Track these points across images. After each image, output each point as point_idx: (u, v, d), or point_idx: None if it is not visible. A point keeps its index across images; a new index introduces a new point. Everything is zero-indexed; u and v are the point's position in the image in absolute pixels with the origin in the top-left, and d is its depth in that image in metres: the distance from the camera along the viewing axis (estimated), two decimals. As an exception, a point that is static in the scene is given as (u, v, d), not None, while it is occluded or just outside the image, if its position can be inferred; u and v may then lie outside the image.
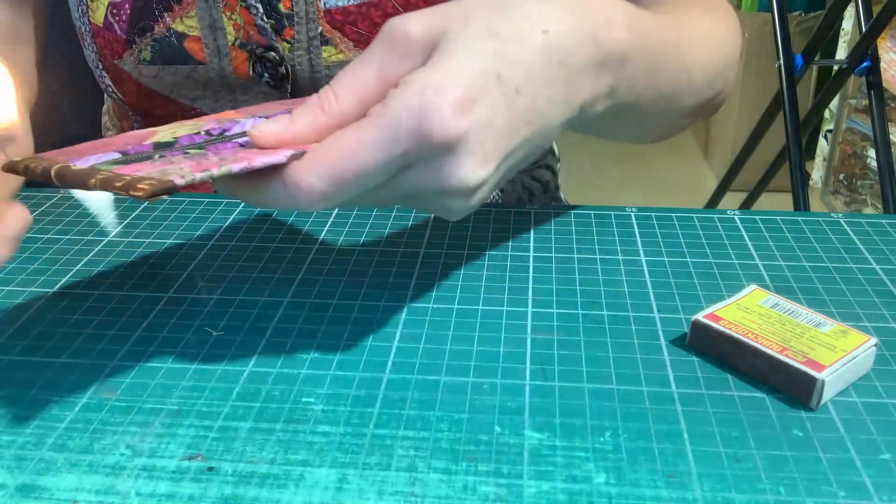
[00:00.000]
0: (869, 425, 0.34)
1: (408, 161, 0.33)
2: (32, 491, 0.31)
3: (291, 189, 0.32)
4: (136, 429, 0.35)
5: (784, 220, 0.53)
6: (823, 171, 2.32)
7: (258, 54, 0.58)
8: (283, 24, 0.57)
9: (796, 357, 0.36)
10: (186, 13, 0.57)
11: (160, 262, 0.49)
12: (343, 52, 0.57)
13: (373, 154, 0.32)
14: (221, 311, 0.43)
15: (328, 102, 0.34)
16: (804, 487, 0.31)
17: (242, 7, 0.57)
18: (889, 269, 0.47)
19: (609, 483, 0.31)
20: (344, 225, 0.53)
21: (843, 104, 2.17)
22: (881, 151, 1.32)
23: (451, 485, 0.31)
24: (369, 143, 0.32)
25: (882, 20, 1.30)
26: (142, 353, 0.40)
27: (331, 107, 0.34)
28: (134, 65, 0.60)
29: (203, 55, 0.58)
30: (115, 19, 0.59)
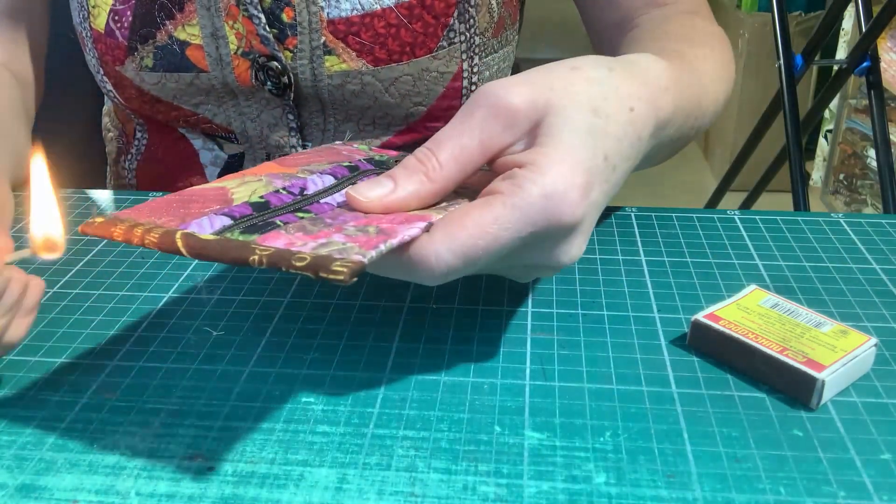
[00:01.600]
0: (869, 425, 0.34)
1: (531, 240, 0.33)
2: (32, 491, 0.31)
3: (418, 261, 0.32)
4: (136, 429, 0.35)
5: (784, 220, 0.53)
6: (823, 171, 2.32)
7: (260, 63, 0.58)
8: (285, 33, 0.57)
9: (796, 357, 0.36)
10: (188, 21, 0.57)
11: (160, 262, 0.49)
12: (346, 62, 0.57)
13: (505, 233, 0.32)
14: (221, 311, 0.43)
15: (432, 169, 0.34)
16: (804, 487, 0.31)
17: (245, 16, 0.57)
18: (889, 269, 0.47)
19: (609, 483, 0.31)
20: (344, 225, 0.53)
21: (843, 104, 2.17)
22: (881, 151, 1.32)
23: (451, 485, 0.31)
24: (503, 221, 0.32)
25: (882, 20, 1.30)
26: (142, 353, 0.40)
27: (435, 174, 0.34)
28: (136, 71, 0.59)
29: (205, 63, 0.58)
30: (116, 26, 0.59)
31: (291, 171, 0.39)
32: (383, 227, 0.32)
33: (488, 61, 0.63)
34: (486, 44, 0.62)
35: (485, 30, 0.61)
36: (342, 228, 0.33)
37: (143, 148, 0.69)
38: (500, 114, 0.34)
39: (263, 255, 0.30)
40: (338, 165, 0.40)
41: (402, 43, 0.57)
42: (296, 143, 0.62)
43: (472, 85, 0.62)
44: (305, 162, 0.41)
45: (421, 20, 0.57)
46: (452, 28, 0.59)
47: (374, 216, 0.34)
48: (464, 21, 0.59)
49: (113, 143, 0.73)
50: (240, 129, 0.63)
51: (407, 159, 0.35)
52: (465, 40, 0.60)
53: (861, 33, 1.36)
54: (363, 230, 0.32)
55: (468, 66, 0.61)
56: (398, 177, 0.34)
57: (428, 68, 0.59)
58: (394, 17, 0.56)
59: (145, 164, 0.69)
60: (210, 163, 0.66)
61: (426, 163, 0.34)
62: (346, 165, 0.40)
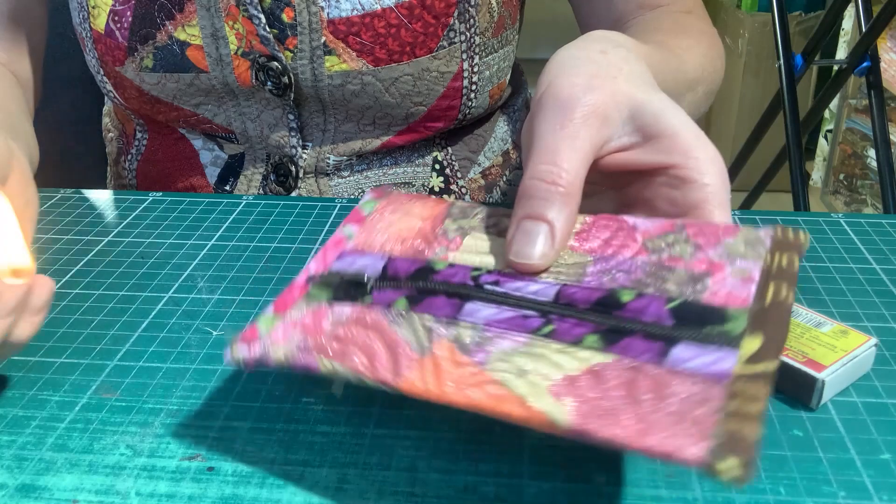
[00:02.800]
0: (869, 425, 0.34)
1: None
2: (32, 491, 0.31)
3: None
4: (136, 429, 0.35)
5: (784, 220, 0.53)
6: (823, 171, 2.32)
7: (260, 63, 0.58)
8: (286, 33, 0.57)
9: (796, 357, 0.36)
10: (188, 22, 0.57)
11: (160, 262, 0.49)
12: (346, 62, 0.57)
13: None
14: (221, 311, 0.43)
15: (567, 183, 0.32)
16: (804, 487, 0.31)
17: (245, 17, 0.57)
18: (889, 269, 0.47)
19: (609, 483, 0.31)
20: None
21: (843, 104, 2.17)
22: (881, 151, 1.32)
23: (451, 485, 0.31)
24: (726, 217, 0.33)
25: (882, 20, 1.30)
26: (142, 353, 0.40)
27: (570, 186, 0.33)
28: (135, 72, 0.59)
29: (205, 64, 0.58)
30: (116, 26, 0.59)
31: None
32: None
33: (488, 61, 0.63)
34: (486, 43, 0.62)
35: (485, 29, 0.61)
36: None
37: (144, 148, 0.69)
38: (597, 112, 0.34)
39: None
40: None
41: (402, 43, 0.57)
42: (296, 143, 0.62)
43: (473, 85, 0.62)
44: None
45: (421, 20, 0.57)
46: (453, 28, 0.59)
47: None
48: (464, 21, 0.59)
49: (113, 144, 0.73)
50: (240, 130, 0.63)
51: (532, 186, 0.33)
52: (466, 40, 0.60)
53: (861, 33, 1.36)
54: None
55: (468, 65, 0.61)
56: (543, 211, 0.32)
57: (428, 68, 0.59)
58: (394, 18, 0.56)
59: (145, 165, 0.69)
60: (210, 163, 0.66)
61: (557, 180, 0.33)
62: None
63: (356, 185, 0.65)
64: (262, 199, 0.57)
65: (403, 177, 0.66)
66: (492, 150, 0.70)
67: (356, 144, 0.63)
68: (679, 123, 0.34)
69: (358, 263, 0.35)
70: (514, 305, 0.31)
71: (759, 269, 0.29)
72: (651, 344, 0.27)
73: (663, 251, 0.31)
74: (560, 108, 0.34)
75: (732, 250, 0.30)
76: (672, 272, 0.30)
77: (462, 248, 0.34)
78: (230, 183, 0.66)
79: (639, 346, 0.28)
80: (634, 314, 0.29)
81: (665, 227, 0.32)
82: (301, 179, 0.64)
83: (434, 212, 0.36)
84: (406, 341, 0.30)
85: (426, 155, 0.66)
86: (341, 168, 0.64)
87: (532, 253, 0.32)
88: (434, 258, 0.34)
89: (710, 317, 0.28)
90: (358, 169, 0.65)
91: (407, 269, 0.34)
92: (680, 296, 0.29)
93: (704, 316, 0.28)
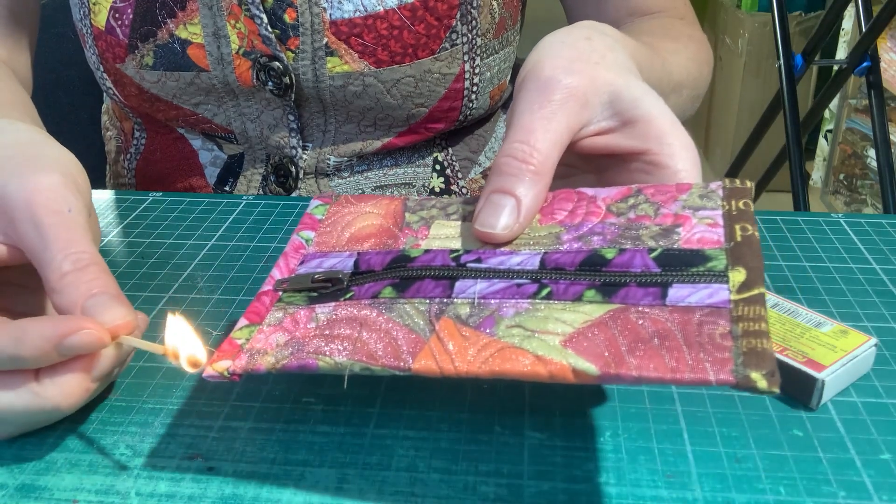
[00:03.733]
0: (869, 425, 0.34)
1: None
2: (32, 491, 0.31)
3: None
4: (136, 429, 0.35)
5: (784, 220, 0.53)
6: (823, 171, 2.32)
7: (262, 63, 0.58)
8: (287, 34, 0.57)
9: (796, 357, 0.36)
10: (190, 20, 0.57)
11: (160, 262, 0.49)
12: (348, 64, 0.57)
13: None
14: (221, 311, 0.43)
15: (539, 162, 0.33)
16: (804, 487, 0.31)
17: (247, 16, 0.57)
18: (889, 269, 0.47)
19: (609, 483, 0.31)
20: (344, 225, 0.53)
21: (843, 104, 2.17)
22: (881, 151, 1.32)
23: (451, 485, 0.31)
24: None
25: (882, 20, 1.30)
26: (142, 353, 0.40)
27: (542, 165, 0.33)
28: (136, 70, 0.59)
29: (206, 63, 0.58)
30: (117, 23, 0.59)
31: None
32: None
33: (490, 62, 0.63)
34: (487, 45, 0.62)
35: (486, 31, 0.61)
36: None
37: (142, 147, 0.69)
38: (575, 95, 0.34)
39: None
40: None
41: (404, 44, 0.57)
42: (296, 143, 0.62)
43: (474, 86, 0.62)
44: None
45: (423, 22, 0.57)
46: (455, 30, 0.59)
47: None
48: (466, 22, 0.59)
49: (112, 143, 0.73)
50: (240, 130, 0.63)
51: (504, 163, 0.33)
52: (467, 42, 0.60)
53: (861, 33, 1.36)
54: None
55: (470, 67, 0.61)
56: (512, 186, 0.33)
57: (430, 70, 0.59)
58: (396, 19, 0.56)
59: (144, 164, 0.69)
60: (209, 163, 0.66)
61: (528, 159, 0.33)
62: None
63: (356, 186, 0.65)
64: (262, 199, 0.57)
65: (404, 177, 0.66)
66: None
67: (357, 145, 0.63)
68: (656, 110, 0.35)
69: (326, 264, 0.35)
70: (504, 277, 0.31)
71: (720, 215, 0.31)
72: (648, 289, 0.29)
73: (629, 212, 0.33)
74: (540, 89, 0.35)
75: (691, 203, 0.32)
76: (644, 228, 0.32)
77: (430, 236, 0.34)
78: (229, 183, 0.66)
79: (637, 293, 0.29)
80: (622, 268, 0.30)
81: (623, 192, 0.34)
82: (301, 180, 0.64)
83: (390, 208, 0.36)
84: (404, 326, 0.30)
85: (427, 156, 0.66)
86: (342, 169, 0.64)
87: (496, 223, 0.33)
88: (406, 248, 0.34)
89: (693, 259, 0.30)
90: (358, 170, 0.65)
91: (381, 261, 0.34)
92: (659, 246, 0.31)
93: (686, 259, 0.30)
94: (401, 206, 0.37)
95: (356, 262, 0.34)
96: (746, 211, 0.31)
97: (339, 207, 0.38)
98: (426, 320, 0.30)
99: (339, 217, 0.37)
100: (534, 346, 0.28)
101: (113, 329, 0.32)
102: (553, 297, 0.30)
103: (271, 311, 0.33)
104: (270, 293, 0.34)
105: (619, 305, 0.29)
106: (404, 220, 0.36)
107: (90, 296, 0.32)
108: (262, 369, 0.30)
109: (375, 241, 0.35)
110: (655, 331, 0.27)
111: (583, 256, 0.31)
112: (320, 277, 0.34)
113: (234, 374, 0.30)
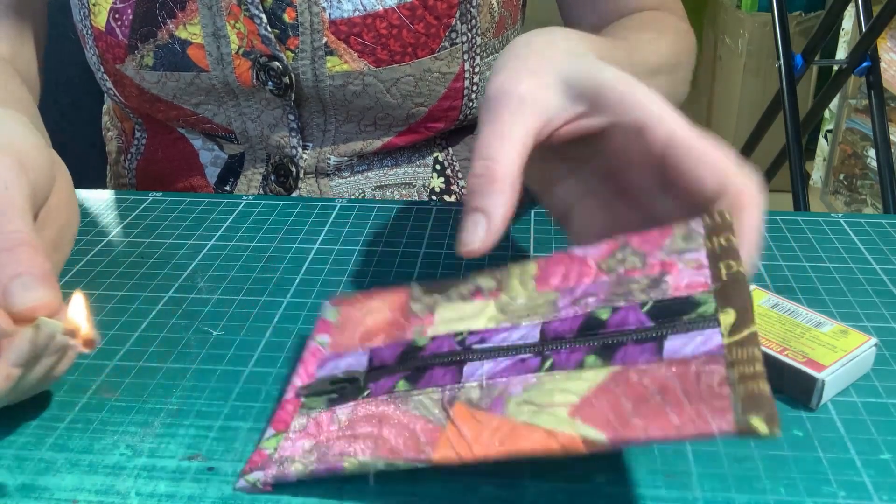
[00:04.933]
0: (869, 425, 0.34)
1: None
2: (32, 491, 0.31)
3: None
4: (136, 429, 0.35)
5: (784, 220, 0.53)
6: (823, 171, 2.32)
7: (261, 63, 0.58)
8: (287, 33, 0.57)
9: (796, 357, 0.36)
10: (190, 20, 0.57)
11: (160, 262, 0.49)
12: (347, 63, 0.57)
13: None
14: (221, 311, 0.43)
15: (502, 177, 0.34)
16: (804, 487, 0.31)
17: (246, 16, 0.57)
18: (889, 269, 0.47)
19: (609, 483, 0.31)
20: (344, 225, 0.53)
21: (843, 104, 2.17)
22: (881, 151, 1.32)
23: (451, 485, 0.31)
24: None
25: (882, 20, 1.30)
26: (142, 353, 0.40)
27: (506, 180, 0.34)
28: (136, 70, 0.59)
29: (206, 63, 0.58)
30: (116, 24, 0.59)
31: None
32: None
33: (490, 61, 0.63)
34: (487, 44, 0.62)
35: (486, 30, 0.61)
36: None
37: (143, 147, 0.69)
38: (524, 100, 0.35)
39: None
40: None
41: (403, 44, 0.57)
42: (296, 143, 0.62)
43: (474, 85, 0.62)
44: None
45: (423, 21, 0.57)
46: (454, 29, 0.59)
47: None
48: (465, 21, 0.59)
49: (112, 143, 0.73)
50: (240, 130, 0.63)
51: (471, 184, 0.34)
52: (467, 41, 0.60)
53: (861, 33, 1.36)
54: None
55: (469, 66, 0.61)
56: (481, 204, 0.34)
57: (430, 69, 0.59)
58: (396, 18, 0.56)
59: (145, 164, 0.69)
60: (210, 163, 0.66)
61: (490, 173, 0.34)
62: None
63: (356, 186, 0.65)
64: (263, 199, 0.57)
65: (404, 177, 0.66)
66: None
67: (357, 145, 0.63)
68: (609, 78, 0.35)
69: (342, 364, 0.36)
70: (508, 354, 0.32)
71: (704, 255, 0.31)
72: (644, 346, 0.29)
73: (618, 267, 0.33)
74: (491, 106, 0.35)
75: (674, 248, 0.32)
76: (634, 282, 0.32)
77: (436, 321, 0.35)
78: (230, 183, 0.66)
79: (634, 352, 0.29)
80: (618, 327, 0.31)
81: (610, 246, 0.34)
82: (301, 180, 0.64)
83: (396, 301, 0.37)
84: (422, 417, 0.31)
85: (427, 155, 0.66)
86: (342, 168, 0.64)
87: (472, 240, 0.33)
88: (415, 337, 0.35)
89: (683, 307, 0.30)
90: (358, 169, 0.65)
91: (392, 354, 0.35)
92: (650, 299, 0.31)
93: (677, 308, 0.30)
94: (406, 297, 0.37)
95: (370, 358, 0.35)
96: (729, 247, 0.31)
97: (349, 308, 0.39)
98: (441, 408, 0.31)
99: (350, 317, 0.38)
100: (543, 420, 0.28)
101: (29, 310, 0.31)
102: (556, 367, 0.31)
103: (295, 418, 0.34)
104: (293, 400, 0.35)
105: (619, 367, 0.29)
106: (410, 309, 0.36)
107: (14, 276, 0.32)
108: (291, 477, 0.31)
109: (386, 335, 0.36)
110: (656, 388, 0.28)
111: (580, 322, 0.32)
112: (337, 381, 0.35)
113: (266, 484, 0.31)
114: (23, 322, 0.31)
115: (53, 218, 0.38)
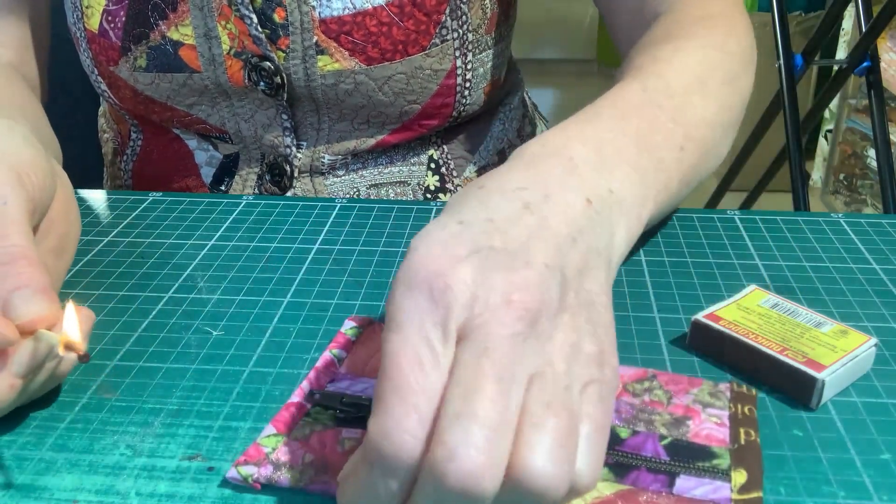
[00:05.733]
0: (869, 425, 0.34)
1: None
2: (32, 491, 0.31)
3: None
4: (136, 429, 0.35)
5: (784, 220, 0.53)
6: (823, 171, 2.32)
7: (253, 63, 0.58)
8: (277, 33, 0.57)
9: (796, 357, 0.36)
10: (181, 21, 0.57)
11: (160, 262, 0.49)
12: (338, 62, 0.57)
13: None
14: (221, 311, 0.43)
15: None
16: (804, 487, 0.31)
17: (237, 17, 0.57)
18: (889, 269, 0.47)
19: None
20: (344, 225, 0.53)
21: (843, 104, 2.17)
22: (881, 151, 1.32)
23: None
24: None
25: (882, 20, 1.30)
26: (142, 353, 0.40)
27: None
28: (129, 72, 0.59)
29: (198, 64, 0.58)
30: (109, 26, 0.59)
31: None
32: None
33: (482, 58, 0.63)
34: (479, 40, 0.62)
35: (478, 26, 0.61)
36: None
37: (139, 148, 0.69)
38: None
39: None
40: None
41: (394, 41, 0.57)
42: (290, 142, 0.62)
43: (467, 82, 0.62)
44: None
45: (413, 18, 0.57)
46: (445, 25, 0.59)
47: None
48: (456, 18, 0.59)
49: (109, 144, 0.73)
50: (234, 130, 0.63)
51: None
52: (458, 37, 0.60)
53: (861, 33, 1.36)
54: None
55: (461, 62, 0.61)
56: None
57: (421, 66, 0.59)
58: (385, 16, 0.56)
59: (141, 165, 0.69)
60: (205, 163, 0.66)
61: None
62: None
63: (351, 185, 0.65)
64: (262, 200, 0.57)
65: (399, 175, 0.66)
66: (487, 149, 0.70)
67: (351, 143, 0.63)
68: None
69: (354, 388, 0.36)
70: None
71: (727, 416, 0.34)
72: (657, 476, 0.31)
73: (643, 395, 0.35)
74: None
75: (701, 399, 0.35)
76: (657, 414, 0.34)
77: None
78: (225, 183, 0.66)
79: (647, 478, 0.31)
80: (634, 449, 0.32)
81: (639, 374, 0.36)
82: (296, 179, 0.64)
83: None
84: None
85: (421, 153, 0.66)
86: (336, 167, 0.64)
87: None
88: None
89: (700, 454, 0.32)
90: (353, 168, 0.65)
91: None
92: (669, 435, 0.33)
93: (694, 453, 0.32)
94: None
95: None
96: (751, 417, 0.34)
97: (371, 332, 0.39)
98: None
99: (369, 342, 0.39)
100: None
101: (29, 323, 0.32)
102: None
103: (299, 425, 0.34)
104: (299, 404, 0.35)
105: (629, 487, 0.31)
106: None
107: (14, 289, 0.32)
108: (285, 484, 0.31)
109: None
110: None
111: None
112: (348, 401, 0.35)
113: (257, 482, 0.31)
114: (23, 334, 0.32)
115: (55, 227, 0.39)
